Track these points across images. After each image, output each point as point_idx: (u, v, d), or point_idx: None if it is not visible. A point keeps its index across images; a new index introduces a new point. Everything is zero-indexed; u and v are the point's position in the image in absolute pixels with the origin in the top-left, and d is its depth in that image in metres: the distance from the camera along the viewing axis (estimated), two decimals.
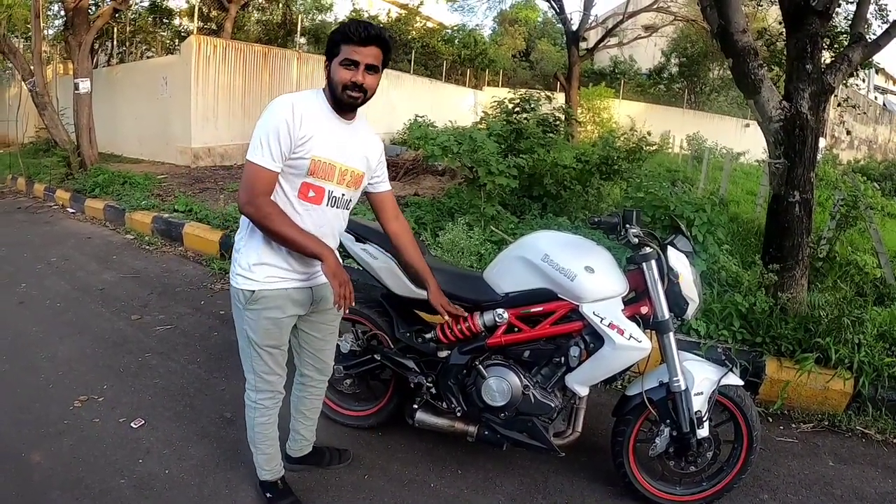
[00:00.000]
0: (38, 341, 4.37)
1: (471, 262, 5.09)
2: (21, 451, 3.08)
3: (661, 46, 30.53)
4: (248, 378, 2.61)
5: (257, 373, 2.57)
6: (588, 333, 2.69)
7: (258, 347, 2.50)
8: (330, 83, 2.31)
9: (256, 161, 2.23)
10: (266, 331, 2.46)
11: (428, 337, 2.99)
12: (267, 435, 2.69)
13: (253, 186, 2.24)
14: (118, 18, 17.00)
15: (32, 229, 7.95)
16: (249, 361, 2.56)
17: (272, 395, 2.63)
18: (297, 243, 2.29)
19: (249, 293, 2.39)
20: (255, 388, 2.61)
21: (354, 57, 2.24)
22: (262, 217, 2.25)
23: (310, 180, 2.34)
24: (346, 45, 2.24)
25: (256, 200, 2.24)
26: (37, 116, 12.07)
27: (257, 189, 2.24)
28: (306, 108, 2.27)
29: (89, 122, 10.60)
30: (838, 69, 4.36)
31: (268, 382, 2.60)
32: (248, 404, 2.67)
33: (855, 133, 26.38)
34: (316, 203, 2.38)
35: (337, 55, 2.27)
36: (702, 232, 4.91)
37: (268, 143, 2.21)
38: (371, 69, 2.28)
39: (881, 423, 3.74)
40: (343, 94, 2.28)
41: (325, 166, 2.34)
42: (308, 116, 2.26)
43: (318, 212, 2.40)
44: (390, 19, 26.44)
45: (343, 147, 2.39)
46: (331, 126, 2.34)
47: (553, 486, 3.02)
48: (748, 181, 13.67)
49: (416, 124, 7.03)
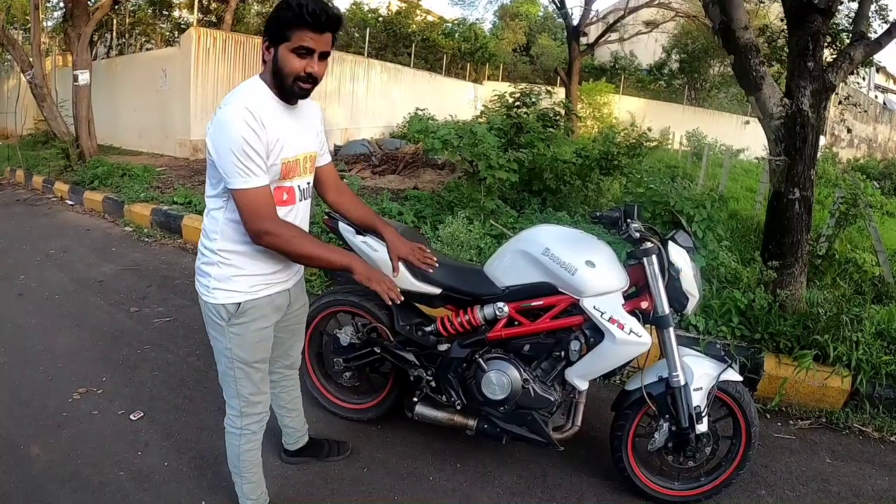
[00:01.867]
0: (37, 333, 4.37)
1: (470, 256, 5.09)
2: (20, 443, 3.08)
3: (661, 42, 30.50)
4: (232, 404, 2.42)
5: (243, 396, 2.37)
6: (588, 328, 2.69)
7: (246, 365, 2.32)
8: (277, 72, 2.07)
9: (245, 186, 2.01)
10: (256, 344, 2.31)
11: (428, 330, 2.98)
12: (253, 462, 2.53)
13: (257, 213, 2.04)
14: (118, 10, 16.97)
15: (31, 221, 7.94)
16: (234, 385, 2.36)
17: (259, 418, 2.46)
18: (323, 260, 2.17)
19: (235, 306, 2.21)
20: (241, 413, 2.41)
21: (309, 45, 2.01)
22: (285, 243, 2.09)
23: (282, 184, 2.19)
24: (301, 31, 1.98)
25: (269, 227, 2.06)
26: (36, 108, 12.05)
27: (263, 213, 2.05)
28: (262, 110, 2.04)
29: (88, 114, 10.58)
30: (840, 67, 4.35)
31: (255, 405, 2.42)
32: (231, 432, 2.46)
33: (855, 131, 26.38)
34: (291, 203, 2.26)
35: (287, 41, 2.01)
36: (701, 228, 4.93)
37: (244, 162, 1.99)
38: (323, 56, 2.07)
39: (878, 420, 3.75)
40: (294, 86, 2.07)
41: (292, 164, 2.20)
42: (267, 118, 2.05)
43: (294, 212, 2.28)
44: (390, 12, 26.41)
45: (298, 136, 2.22)
46: (284, 120, 2.15)
47: (552, 479, 3.03)
48: (747, 178, 13.68)
49: (417, 118, 7.03)
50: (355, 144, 14.18)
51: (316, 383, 3.46)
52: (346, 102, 16.90)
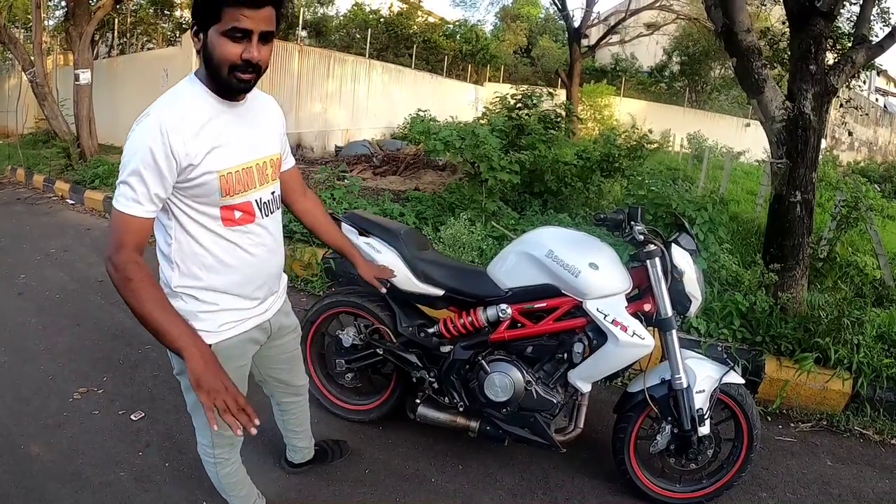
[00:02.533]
0: (38, 332, 4.37)
1: (472, 258, 5.10)
2: (20, 443, 3.09)
3: (662, 45, 30.55)
4: (203, 433, 2.23)
5: (215, 432, 2.13)
6: (591, 330, 2.69)
7: None
8: (209, 62, 1.72)
9: (119, 207, 1.70)
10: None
11: (431, 332, 2.98)
12: (235, 481, 2.38)
13: (116, 237, 1.70)
14: (119, 9, 16.95)
15: (32, 220, 7.94)
16: (204, 419, 1.97)
17: (231, 442, 2.27)
18: (160, 332, 1.68)
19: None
20: (213, 443, 2.22)
21: (245, 24, 1.65)
22: (123, 282, 1.68)
23: (228, 202, 1.85)
24: (232, 8, 1.62)
25: (117, 257, 1.68)
26: (37, 107, 12.04)
27: (121, 240, 1.69)
28: (180, 117, 1.71)
29: (89, 113, 10.57)
30: (841, 70, 4.36)
31: (227, 437, 2.21)
32: (206, 461, 2.30)
33: (856, 135, 26.37)
34: (248, 222, 1.93)
35: (217, 22, 1.65)
36: (703, 231, 4.93)
37: (131, 183, 1.68)
38: (265, 37, 1.71)
39: (879, 423, 3.75)
40: (231, 78, 1.72)
41: (239, 176, 1.85)
42: (186, 127, 1.72)
43: (256, 231, 1.96)
44: (392, 13, 26.43)
45: (246, 138, 1.89)
46: (224, 121, 1.82)
47: (554, 481, 3.03)
48: (748, 180, 13.68)
49: (419, 119, 7.03)
50: (356, 145, 14.20)
51: (318, 384, 3.45)
52: (347, 103, 16.89)
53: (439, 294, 2.91)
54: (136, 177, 1.67)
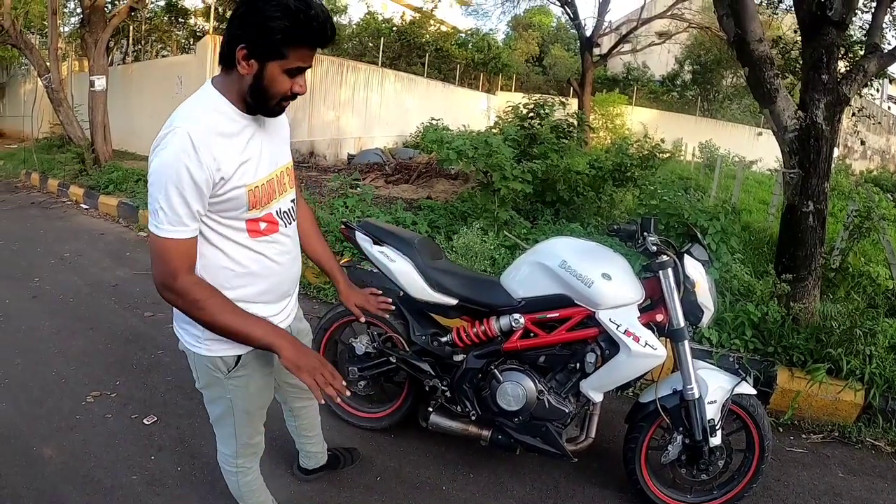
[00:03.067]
0: (51, 336, 4.41)
1: (484, 267, 5.11)
2: (33, 444, 3.12)
3: (674, 53, 30.47)
4: (228, 444, 2.24)
5: (240, 440, 2.20)
6: (603, 340, 2.69)
7: (248, 414, 2.14)
8: (259, 91, 1.73)
9: (163, 234, 1.67)
10: (260, 391, 2.13)
11: (444, 340, 2.99)
12: (255, 489, 2.41)
13: (167, 265, 1.70)
14: (134, 17, 17.09)
15: (46, 224, 8.01)
16: (231, 430, 2.15)
17: (255, 451, 2.31)
18: (241, 335, 1.77)
19: (234, 359, 1.97)
20: (237, 454, 2.24)
21: (308, 63, 1.73)
22: (190, 305, 1.73)
23: (254, 214, 1.86)
24: (301, 49, 1.67)
25: (177, 284, 1.70)
26: (52, 112, 12.16)
27: (173, 266, 1.70)
28: (209, 131, 1.70)
29: (104, 119, 10.66)
30: (854, 79, 4.35)
31: (252, 446, 2.27)
32: (227, 470, 2.32)
33: (868, 143, 26.19)
34: (273, 232, 1.94)
35: (282, 58, 1.67)
36: (715, 240, 4.93)
37: (170, 205, 1.65)
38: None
39: (891, 435, 3.73)
40: (276, 106, 1.79)
41: (265, 189, 1.87)
42: (216, 141, 1.71)
43: (280, 240, 1.98)
44: (404, 22, 26.48)
45: (267, 150, 1.90)
46: (247, 135, 1.82)
47: (564, 491, 3.03)
48: (760, 190, 13.62)
49: (432, 128, 7.06)
50: (369, 153, 14.23)
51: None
52: (360, 111, 16.95)
53: (452, 303, 2.92)
54: (176, 197, 1.65)
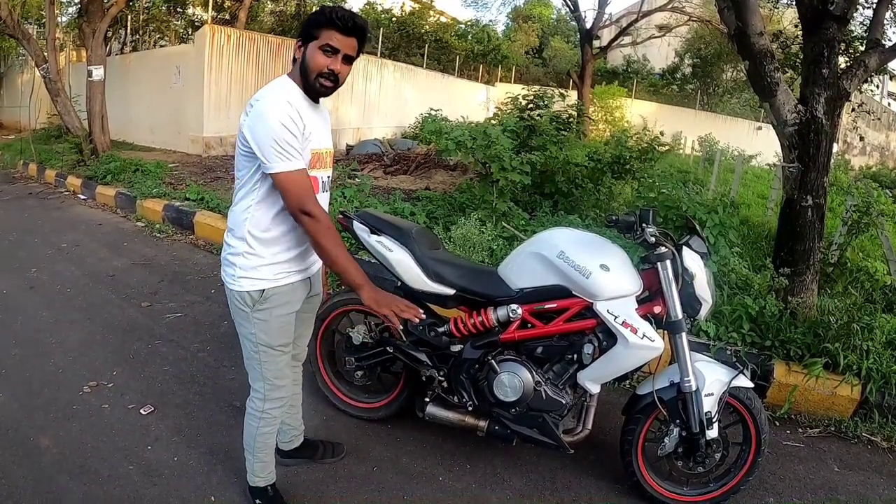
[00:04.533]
0: (49, 326, 4.40)
1: (482, 258, 5.10)
2: (30, 435, 3.11)
3: (674, 46, 30.47)
4: (257, 387, 2.53)
5: (267, 379, 2.49)
6: (601, 331, 2.69)
7: (271, 349, 2.43)
8: (303, 67, 2.22)
9: (287, 168, 2.14)
10: (280, 328, 2.42)
11: (441, 331, 2.98)
12: (268, 444, 2.63)
13: (300, 193, 2.17)
14: (132, 6, 17.06)
15: (43, 215, 8.00)
16: (259, 368, 2.47)
17: (281, 403, 2.57)
18: (340, 266, 2.26)
19: (259, 293, 2.33)
20: (265, 397, 2.52)
21: (335, 44, 2.16)
22: (321, 231, 2.21)
23: (310, 173, 2.28)
24: (329, 31, 2.16)
25: (312, 208, 2.18)
26: (49, 103, 12.11)
27: (305, 194, 2.18)
28: (298, 103, 2.20)
29: (102, 109, 10.63)
30: (854, 74, 4.34)
31: (278, 388, 2.52)
32: (252, 413, 2.57)
33: (867, 139, 26.19)
34: (315, 192, 2.31)
35: (316, 38, 2.17)
36: (713, 234, 4.93)
37: (284, 147, 2.12)
38: (347, 59, 2.23)
39: (887, 430, 3.73)
40: (316, 82, 2.22)
41: (319, 156, 2.34)
42: (302, 110, 2.20)
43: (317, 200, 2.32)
44: (404, 13, 26.43)
45: (322, 131, 2.40)
46: (312, 114, 2.30)
47: (561, 482, 3.03)
48: (759, 184, 13.63)
49: (431, 119, 7.04)
50: (367, 144, 14.22)
51: (327, 382, 3.47)
52: (359, 102, 16.93)
53: (450, 293, 2.92)
54: (283, 142, 2.11)
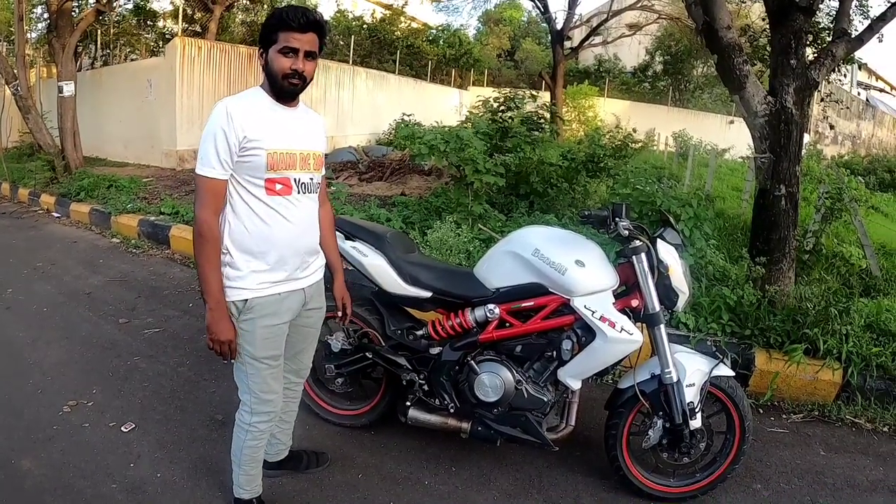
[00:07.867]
0: (26, 346, 4.33)
1: (459, 260, 5.10)
2: (11, 457, 3.05)
3: (645, 45, 30.65)
4: (244, 399, 2.52)
5: (253, 392, 2.46)
6: (579, 327, 2.70)
7: (255, 360, 2.40)
8: (269, 73, 2.29)
9: (201, 173, 2.23)
10: (264, 340, 2.39)
11: (419, 334, 2.98)
12: (255, 457, 2.61)
13: (201, 199, 2.24)
14: (102, 21, 16.86)
15: (18, 234, 7.89)
16: (245, 380, 2.46)
17: (269, 418, 2.54)
18: (202, 279, 2.27)
19: (242, 302, 2.33)
20: (252, 410, 2.50)
21: (293, 44, 2.21)
22: (196, 235, 2.24)
23: (271, 175, 2.29)
24: (285, 32, 2.20)
25: (203, 216, 2.24)
26: (20, 120, 11.95)
27: (205, 202, 2.24)
28: (243, 108, 2.24)
29: (73, 125, 10.52)
30: (822, 64, 4.40)
31: (265, 403, 2.49)
32: (239, 425, 2.56)
33: (839, 128, 26.58)
34: (286, 194, 2.35)
35: (275, 42, 2.23)
36: (689, 227, 4.96)
37: (207, 151, 2.20)
38: (309, 55, 2.26)
39: (870, 412, 3.78)
40: (284, 83, 2.27)
41: (283, 157, 2.31)
42: (247, 115, 2.23)
43: (292, 202, 2.37)
44: (375, 19, 26.38)
45: (296, 133, 2.38)
46: (276, 117, 2.32)
47: (547, 480, 3.03)
48: (733, 177, 13.75)
49: (403, 124, 7.04)
50: (342, 152, 14.16)
51: (308, 390, 3.44)
52: (332, 110, 16.87)
53: (427, 296, 2.92)
54: (209, 145, 2.19)
